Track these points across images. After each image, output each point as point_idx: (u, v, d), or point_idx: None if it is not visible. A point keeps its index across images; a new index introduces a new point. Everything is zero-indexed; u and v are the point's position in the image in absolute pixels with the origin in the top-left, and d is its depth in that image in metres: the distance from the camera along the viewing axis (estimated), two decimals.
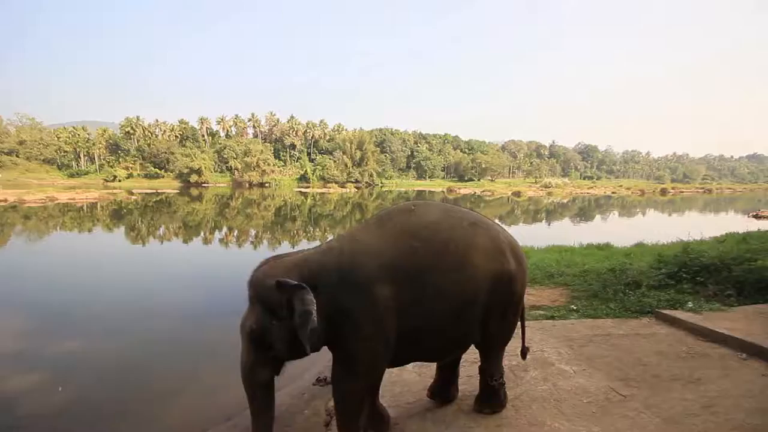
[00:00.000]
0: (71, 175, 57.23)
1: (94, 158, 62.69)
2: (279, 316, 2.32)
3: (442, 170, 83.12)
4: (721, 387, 3.33)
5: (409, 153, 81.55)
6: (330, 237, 17.99)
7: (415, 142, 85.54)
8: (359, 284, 2.46)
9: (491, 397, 3.10)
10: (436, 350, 2.93)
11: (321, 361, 5.30)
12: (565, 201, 45.69)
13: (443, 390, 3.34)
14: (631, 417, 2.95)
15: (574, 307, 5.73)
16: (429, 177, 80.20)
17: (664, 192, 63.62)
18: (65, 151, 60.82)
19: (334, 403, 2.76)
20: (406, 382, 3.74)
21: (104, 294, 8.45)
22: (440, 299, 2.61)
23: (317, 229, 20.60)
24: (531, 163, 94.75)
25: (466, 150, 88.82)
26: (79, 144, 61.87)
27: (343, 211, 30.97)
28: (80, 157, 62.67)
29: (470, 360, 3.83)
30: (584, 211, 34.49)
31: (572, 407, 3.11)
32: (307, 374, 4.89)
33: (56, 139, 61.70)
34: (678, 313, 4.95)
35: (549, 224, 24.37)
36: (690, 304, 5.20)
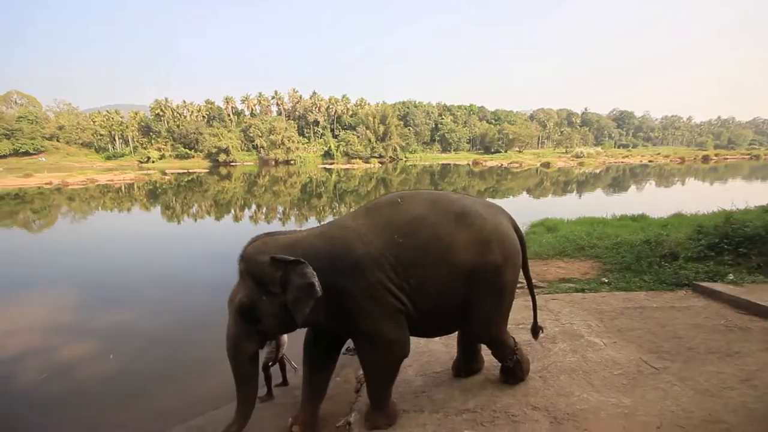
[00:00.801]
0: (108, 158, 59.86)
1: (128, 141, 65.13)
2: (270, 292, 2.44)
3: (467, 142, 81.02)
4: (762, 360, 3.22)
5: (433, 126, 79.77)
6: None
7: (440, 114, 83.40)
8: (352, 269, 2.57)
9: (512, 374, 3.18)
10: (421, 331, 3.03)
11: None
12: (597, 171, 43.78)
13: (466, 365, 3.42)
14: (663, 389, 2.91)
15: (606, 280, 5.60)
16: (454, 150, 78.49)
17: (706, 159, 59.39)
18: (101, 135, 63.44)
19: (365, 373, 2.90)
20: (433, 353, 3.82)
21: (146, 269, 8.98)
22: (420, 291, 2.72)
23: (343, 205, 20.81)
24: (561, 132, 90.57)
25: (493, 121, 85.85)
26: (114, 127, 64.29)
27: (367, 186, 31.03)
28: (115, 140, 65.28)
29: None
30: (618, 182, 33.00)
31: (602, 379, 3.10)
32: None
33: (92, 123, 64.32)
34: (717, 286, 4.75)
35: (580, 196, 23.53)
36: (731, 276, 4.97)
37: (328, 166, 54.55)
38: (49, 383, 4.39)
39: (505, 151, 74.68)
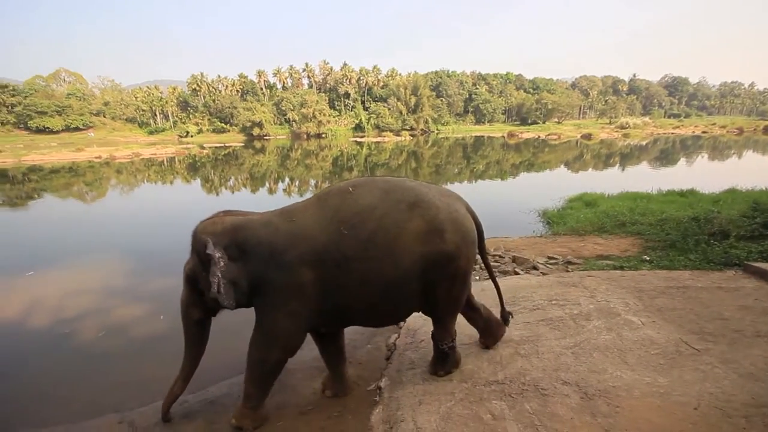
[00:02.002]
0: (150, 132, 62.46)
1: (168, 116, 67.53)
2: (207, 269, 2.60)
3: (502, 113, 77.70)
4: None
5: (467, 96, 76.85)
6: None
7: (474, 84, 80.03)
8: (288, 265, 2.63)
9: (443, 360, 3.15)
10: (370, 321, 3.11)
11: None
12: (643, 143, 40.96)
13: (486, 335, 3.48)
14: (704, 371, 2.81)
15: (647, 258, 5.37)
16: (488, 121, 75.65)
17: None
18: (143, 110, 66.05)
19: (247, 366, 2.88)
20: (461, 326, 3.85)
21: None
22: (366, 284, 2.70)
23: None
24: (606, 101, 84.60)
25: (531, 90, 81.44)
26: (154, 103, 66.66)
27: (398, 159, 30.77)
28: (156, 115, 67.85)
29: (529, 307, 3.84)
30: (666, 154, 30.82)
31: (637, 357, 3.03)
32: None
33: (134, 99, 67.00)
34: None
35: (623, 169, 22.23)
36: None
37: (358, 140, 54.38)
38: (106, 340, 4.84)
39: (543, 123, 71.11)
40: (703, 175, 17.38)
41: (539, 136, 52.35)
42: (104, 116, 61.74)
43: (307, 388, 3.47)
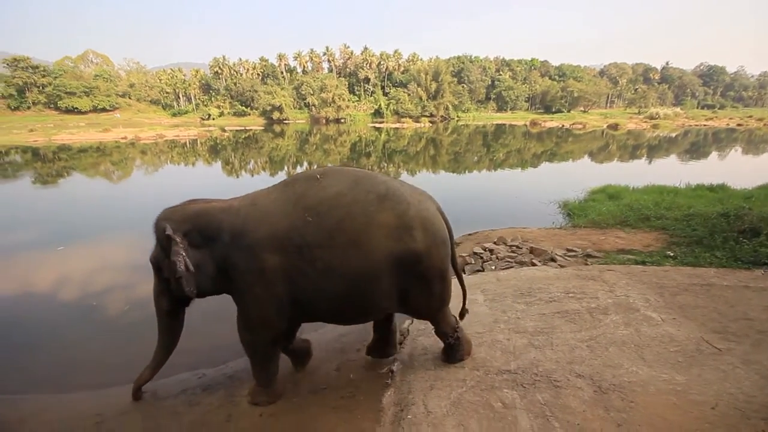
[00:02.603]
0: (174, 115, 63.61)
1: (190, 98, 68.51)
2: (168, 257, 2.61)
3: (525, 101, 75.56)
4: None
5: (489, 83, 74.97)
6: (402, 173, 18.04)
7: (497, 70, 77.89)
8: (248, 248, 2.62)
9: (453, 351, 3.15)
10: (339, 317, 3.02)
11: None
12: (673, 135, 39.27)
13: (379, 348, 3.50)
14: (724, 370, 2.75)
15: (671, 254, 5.21)
16: (510, 109, 73.78)
17: None
18: (167, 93, 67.21)
19: (244, 349, 2.96)
20: (477, 314, 3.86)
21: None
22: (330, 274, 2.61)
23: (391, 165, 20.76)
24: (635, 90, 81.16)
25: (556, 77, 78.72)
26: (177, 85, 67.66)
27: (416, 146, 30.49)
28: (179, 98, 68.93)
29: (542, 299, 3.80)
30: (697, 147, 29.50)
31: (655, 354, 2.98)
32: None
33: (158, 81, 68.17)
34: None
35: (650, 162, 21.44)
36: None
37: (377, 125, 54.03)
38: (131, 313, 5.05)
39: (568, 111, 68.88)
40: (736, 170, 16.61)
41: (563, 126, 50.86)
42: (130, 98, 63.12)
43: (323, 368, 3.56)
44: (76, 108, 53.47)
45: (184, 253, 2.57)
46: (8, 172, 18.70)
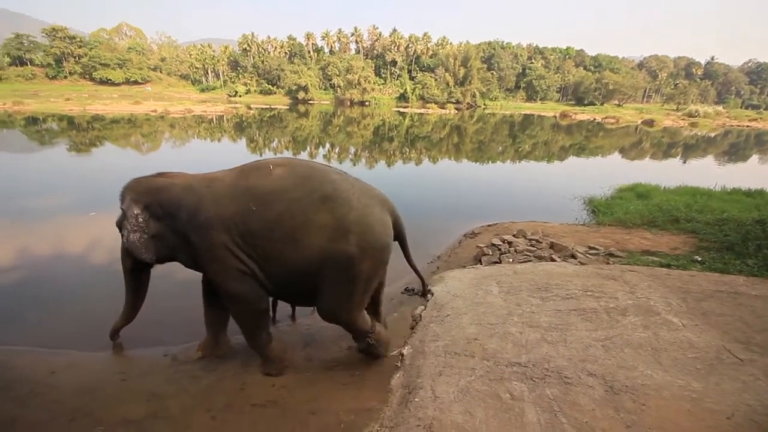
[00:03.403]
0: (202, 90, 64.65)
1: (219, 74, 69.29)
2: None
3: (557, 91, 72.86)
4: None
5: (520, 71, 72.60)
6: (424, 159, 17.87)
7: (529, 58, 75.21)
8: (200, 227, 2.81)
9: (369, 351, 3.28)
10: (288, 300, 3.23)
11: (409, 273, 5.71)
12: (712, 135, 37.26)
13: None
14: (744, 381, 2.66)
15: (699, 258, 5.03)
16: (540, 99, 71.43)
17: None
18: (196, 68, 68.19)
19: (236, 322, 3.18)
20: (490, 305, 3.85)
21: None
22: (269, 263, 2.78)
23: (413, 151, 20.59)
24: (675, 85, 76.90)
25: (592, 67, 75.42)
26: (207, 61, 68.49)
27: (440, 133, 30.06)
28: (208, 73, 69.83)
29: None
30: (737, 149, 27.93)
31: (672, 359, 2.91)
32: (398, 282, 5.36)
33: (189, 56, 69.14)
34: None
35: (684, 161, 20.49)
36: None
37: (402, 110, 53.42)
38: (154, 281, 5.24)
39: (601, 104, 66.18)
40: None
41: (594, 119, 49.03)
42: (161, 72, 64.38)
43: (335, 346, 3.65)
44: (110, 80, 54.99)
45: (130, 227, 2.89)
46: (45, 139, 19.53)
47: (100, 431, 2.53)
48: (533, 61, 74.52)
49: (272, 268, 2.83)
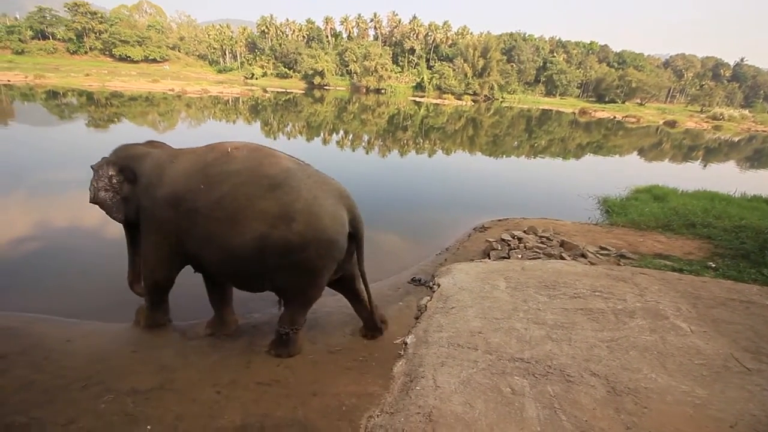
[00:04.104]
0: (219, 71, 64.68)
1: (236, 56, 69.21)
2: None
3: (577, 87, 71.07)
4: None
5: (541, 64, 70.91)
6: (437, 150, 17.72)
7: (551, 51, 73.33)
8: (154, 200, 3.03)
9: (279, 343, 3.21)
10: (232, 282, 3.28)
11: (417, 263, 5.73)
12: (735, 139, 36.08)
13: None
14: (750, 390, 2.63)
15: (713, 265, 4.94)
16: (560, 94, 69.82)
17: None
18: (214, 48, 68.17)
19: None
20: (496, 299, 3.86)
21: None
22: (211, 243, 2.85)
23: (426, 141, 20.42)
24: (701, 86, 74.33)
25: (615, 64, 73.25)
26: (225, 41, 68.36)
27: (455, 125, 29.71)
28: (225, 54, 69.78)
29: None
30: (761, 155, 27.06)
31: (678, 364, 2.89)
32: (405, 272, 5.38)
33: (207, 36, 69.11)
34: None
35: (704, 165, 19.96)
36: None
37: (417, 99, 52.87)
38: None
39: (622, 102, 64.45)
40: None
41: (615, 117, 47.88)
42: (179, 50, 64.58)
43: (339, 331, 3.70)
44: (129, 57, 55.35)
45: (101, 185, 3.20)
46: (64, 114, 19.87)
47: (110, 399, 2.63)
48: (555, 54, 72.68)
49: (212, 248, 2.90)
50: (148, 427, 2.38)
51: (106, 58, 55.65)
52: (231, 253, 2.84)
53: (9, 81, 32.16)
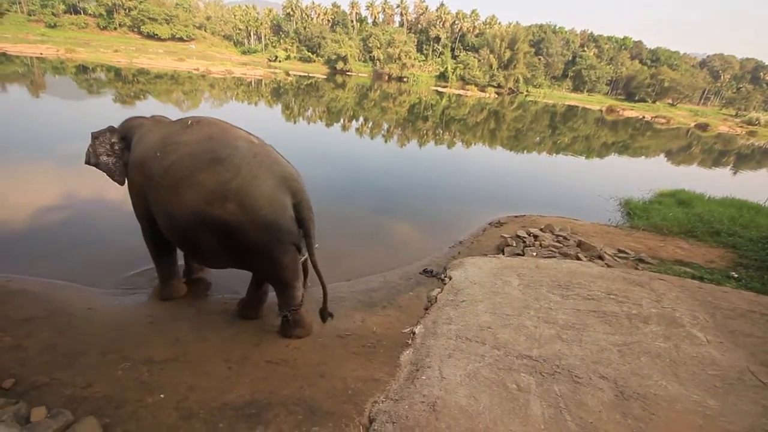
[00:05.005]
0: (243, 52, 64.99)
1: (261, 38, 69.30)
2: None
3: (606, 84, 68.69)
4: None
5: (570, 58, 68.72)
6: (457, 143, 17.52)
7: (581, 45, 70.84)
8: (131, 163, 3.33)
9: (285, 326, 3.28)
10: (190, 255, 3.55)
11: (429, 254, 5.73)
12: None
13: (245, 307, 3.61)
14: (765, 405, 2.56)
15: (735, 275, 4.78)
16: (588, 90, 67.60)
17: None
18: (239, 29, 68.39)
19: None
20: (507, 295, 3.83)
21: None
22: (160, 208, 3.07)
23: (446, 132, 20.17)
24: (738, 88, 70.81)
25: (648, 61, 70.40)
26: (250, 23, 68.45)
27: (476, 117, 29.22)
28: (250, 36, 69.95)
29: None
30: None
31: (691, 374, 2.83)
32: (417, 263, 5.39)
33: (233, 16, 69.33)
34: None
35: (735, 172, 19.16)
36: None
37: (440, 89, 52.11)
38: None
39: (653, 102, 62.08)
40: None
41: (644, 117, 46.28)
42: (205, 30, 65.02)
43: (350, 317, 3.75)
44: (156, 34, 56.06)
45: (104, 150, 3.49)
46: (93, 88, 20.35)
47: (127, 367, 2.74)
48: (585, 49, 70.25)
49: (160, 215, 3.11)
50: (162, 395, 2.47)
51: (135, 35, 56.51)
52: (175, 222, 3.01)
53: (42, 54, 33.05)
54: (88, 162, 3.57)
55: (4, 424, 1.93)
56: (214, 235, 2.88)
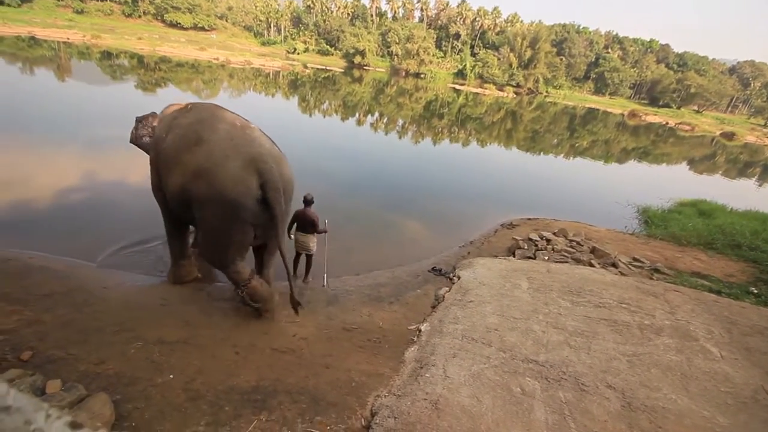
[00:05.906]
0: (263, 44, 65.31)
1: (280, 29, 69.57)
2: None
3: (630, 87, 66.92)
4: None
5: (593, 60, 67.14)
6: (472, 141, 17.35)
7: (605, 47, 69.07)
8: (152, 144, 3.55)
9: (246, 303, 3.38)
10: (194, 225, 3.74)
11: (439, 253, 5.71)
12: None
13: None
14: None
15: (755, 290, 4.64)
16: (610, 93, 65.97)
17: None
18: (260, 20, 68.75)
19: None
20: (516, 298, 3.79)
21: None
22: (165, 186, 3.31)
23: (462, 131, 19.99)
24: None
25: (675, 65, 68.32)
26: (271, 14, 68.74)
27: (493, 116, 28.86)
28: (270, 27, 70.27)
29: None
30: None
31: (702, 389, 2.77)
32: (426, 261, 5.38)
33: (254, 7, 69.72)
34: None
35: (760, 184, 18.56)
36: None
37: (457, 87, 51.63)
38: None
39: (678, 108, 60.30)
40: None
41: (667, 123, 45.11)
42: (226, 20, 65.56)
43: (357, 311, 3.77)
44: (179, 23, 56.77)
45: (146, 132, 3.66)
46: (116, 74, 20.75)
47: (139, 346, 2.81)
48: (609, 50, 68.55)
49: (165, 190, 3.37)
50: (171, 376, 2.53)
51: (158, 23, 57.32)
52: (172, 198, 3.30)
53: (68, 39, 33.79)
54: (132, 141, 3.83)
55: (22, 393, 2.00)
56: (195, 208, 3.18)
